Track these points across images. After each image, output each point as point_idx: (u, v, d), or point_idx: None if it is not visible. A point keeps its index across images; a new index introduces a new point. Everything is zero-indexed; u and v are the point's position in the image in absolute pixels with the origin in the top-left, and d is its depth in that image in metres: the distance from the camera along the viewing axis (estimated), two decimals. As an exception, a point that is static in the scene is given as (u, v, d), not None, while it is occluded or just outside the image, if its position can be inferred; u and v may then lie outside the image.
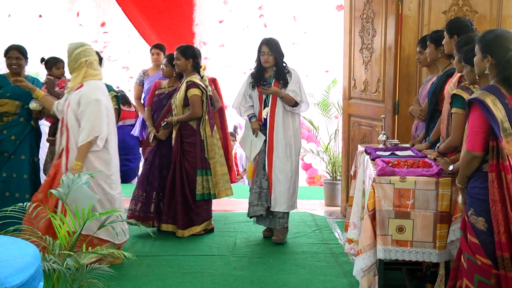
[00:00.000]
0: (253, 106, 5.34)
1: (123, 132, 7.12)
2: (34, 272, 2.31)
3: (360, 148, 4.56)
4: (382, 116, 4.74)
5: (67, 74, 5.18)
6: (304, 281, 4.33)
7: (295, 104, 5.19)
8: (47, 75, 5.30)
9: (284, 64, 5.25)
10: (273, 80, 5.21)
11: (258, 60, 5.25)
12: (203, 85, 5.38)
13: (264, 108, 5.26)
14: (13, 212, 3.19)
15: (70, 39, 8.16)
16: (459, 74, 3.70)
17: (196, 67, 5.48)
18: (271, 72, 5.25)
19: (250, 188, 5.38)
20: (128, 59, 8.26)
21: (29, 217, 3.35)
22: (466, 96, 3.41)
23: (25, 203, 3.37)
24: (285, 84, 5.17)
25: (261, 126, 5.28)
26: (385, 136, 4.47)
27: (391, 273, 4.29)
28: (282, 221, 5.30)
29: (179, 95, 5.38)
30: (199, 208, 5.44)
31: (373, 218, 3.45)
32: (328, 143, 7.35)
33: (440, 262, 3.50)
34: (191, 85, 5.33)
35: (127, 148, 7.57)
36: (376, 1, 5.44)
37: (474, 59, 3.08)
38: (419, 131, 4.49)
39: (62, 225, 3.15)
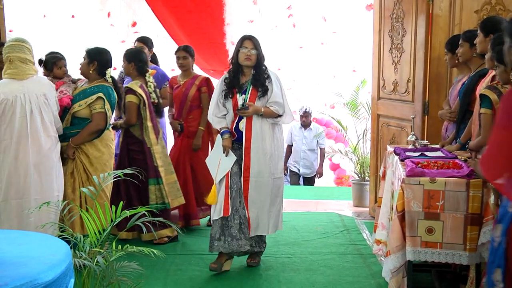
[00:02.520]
0: (226, 115, 4.62)
1: None
2: (65, 268, 2.34)
3: (389, 148, 4.52)
4: (411, 116, 4.70)
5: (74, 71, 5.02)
6: (331, 282, 4.32)
7: (278, 115, 4.56)
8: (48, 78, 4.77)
9: (264, 68, 4.56)
10: (250, 87, 4.50)
11: (235, 60, 4.53)
12: (141, 92, 5.08)
13: (240, 119, 4.52)
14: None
15: (102, 39, 8.32)
16: (491, 75, 3.65)
17: (141, 71, 5.26)
18: (248, 77, 4.54)
19: (213, 220, 4.52)
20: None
21: None
22: (493, 96, 3.39)
23: (58, 201, 3.44)
24: (265, 92, 4.49)
25: (233, 143, 4.58)
26: (414, 136, 4.43)
27: (419, 275, 4.25)
28: (259, 246, 4.68)
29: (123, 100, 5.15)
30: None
31: (402, 219, 3.42)
32: (357, 144, 7.31)
33: (471, 265, 3.45)
34: (128, 91, 5.09)
35: None
36: (406, 1, 5.39)
37: None
38: (449, 132, 4.44)
39: (93, 222, 3.19)
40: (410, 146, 4.35)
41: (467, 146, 3.86)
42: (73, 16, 8.88)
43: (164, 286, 4.25)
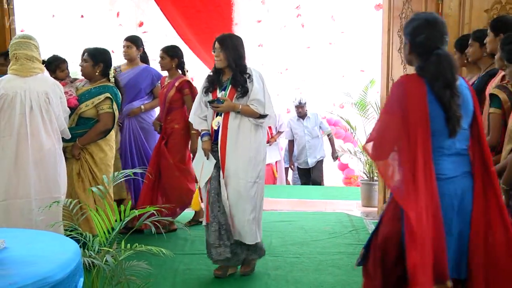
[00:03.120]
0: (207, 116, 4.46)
1: None
2: (74, 267, 2.35)
3: (398, 148, 4.49)
4: (421, 116, 4.67)
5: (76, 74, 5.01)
6: (340, 282, 4.31)
7: (261, 115, 4.30)
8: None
9: (243, 67, 4.33)
10: (229, 87, 4.31)
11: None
12: None
13: (216, 117, 4.36)
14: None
15: (111, 38, 8.35)
16: (501, 74, 3.63)
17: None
18: (229, 75, 4.35)
19: (205, 224, 4.38)
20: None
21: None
22: (503, 95, 3.38)
23: (67, 200, 3.44)
24: (245, 93, 4.26)
25: (213, 145, 4.38)
26: (424, 136, 4.39)
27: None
28: (250, 253, 4.48)
29: None
30: None
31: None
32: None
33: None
34: None
35: None
36: (416, 0, 5.37)
37: None
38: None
39: (102, 221, 3.20)
40: (419, 146, 4.32)
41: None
42: (82, 16, 8.91)
43: (173, 286, 4.25)
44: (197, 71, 8.34)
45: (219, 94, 4.33)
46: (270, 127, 8.32)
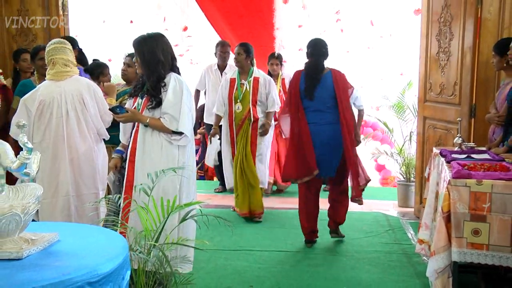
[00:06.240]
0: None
1: None
2: (122, 261, 2.41)
3: (435, 150, 4.54)
4: (458, 119, 4.71)
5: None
6: (376, 280, 4.38)
7: (175, 132, 3.78)
8: None
9: (160, 74, 3.82)
10: (145, 95, 3.88)
11: None
12: None
13: (133, 128, 3.97)
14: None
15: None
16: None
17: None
18: None
19: None
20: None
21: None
22: None
23: (114, 196, 3.59)
24: (157, 104, 3.78)
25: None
26: (460, 139, 4.43)
27: (465, 276, 4.25)
28: None
29: None
30: None
31: (447, 220, 3.43)
32: (403, 145, 7.32)
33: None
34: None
35: None
36: (455, 5, 5.39)
37: None
38: (496, 135, 4.42)
39: (148, 218, 3.33)
40: (456, 148, 4.37)
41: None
42: (131, 22, 9.13)
43: (213, 279, 4.38)
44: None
45: (137, 102, 3.95)
46: None
